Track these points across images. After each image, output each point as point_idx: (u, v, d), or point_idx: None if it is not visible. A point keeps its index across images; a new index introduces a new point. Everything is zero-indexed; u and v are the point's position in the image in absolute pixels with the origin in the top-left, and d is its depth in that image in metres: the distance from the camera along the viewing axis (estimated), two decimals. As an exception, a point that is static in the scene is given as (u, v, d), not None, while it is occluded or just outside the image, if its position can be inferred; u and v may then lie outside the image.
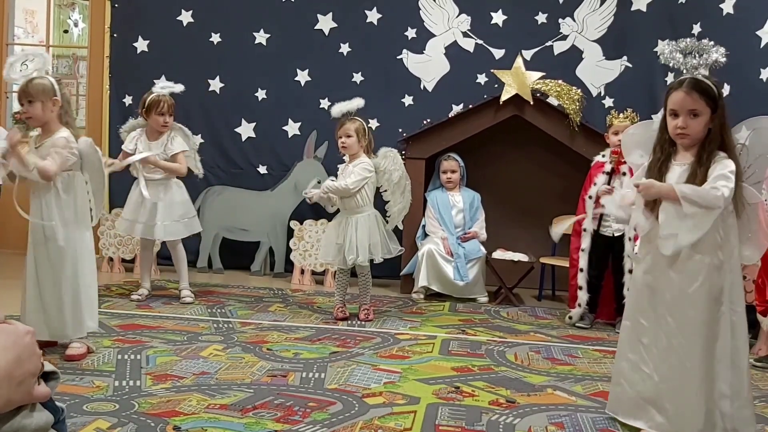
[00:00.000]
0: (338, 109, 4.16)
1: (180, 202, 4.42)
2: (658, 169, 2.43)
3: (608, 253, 4.24)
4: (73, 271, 3.09)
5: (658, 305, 2.40)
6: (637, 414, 2.47)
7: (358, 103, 4.15)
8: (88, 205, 3.20)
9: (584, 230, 4.27)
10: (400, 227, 4.45)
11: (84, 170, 3.19)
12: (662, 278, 2.40)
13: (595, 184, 4.22)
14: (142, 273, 4.54)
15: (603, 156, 4.33)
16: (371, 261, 4.14)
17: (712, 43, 2.51)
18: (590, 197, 4.23)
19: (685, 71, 2.46)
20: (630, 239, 3.99)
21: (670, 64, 2.50)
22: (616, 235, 4.17)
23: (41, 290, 3.08)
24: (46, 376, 1.48)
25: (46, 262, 3.09)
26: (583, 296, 4.25)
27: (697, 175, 2.34)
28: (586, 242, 4.25)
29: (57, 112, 3.13)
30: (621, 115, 4.32)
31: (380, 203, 4.27)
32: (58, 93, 3.11)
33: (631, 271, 4.04)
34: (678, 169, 2.40)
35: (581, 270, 4.26)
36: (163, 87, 4.44)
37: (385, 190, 4.22)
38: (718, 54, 2.46)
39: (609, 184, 4.15)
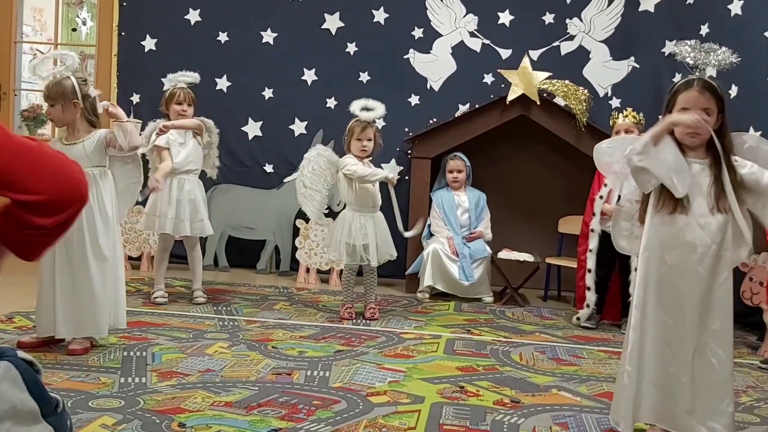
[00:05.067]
0: (369, 114, 4.08)
1: (203, 197, 4.35)
2: None
3: (615, 253, 4.22)
4: (101, 270, 3.10)
5: (686, 305, 2.31)
6: (665, 415, 2.35)
7: (383, 110, 4.14)
8: (115, 203, 3.21)
9: (592, 231, 4.25)
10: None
11: (117, 170, 3.25)
12: (688, 276, 2.32)
13: (605, 185, 4.19)
14: (160, 273, 4.31)
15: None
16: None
17: (717, 46, 2.50)
18: (601, 197, 4.22)
19: (699, 68, 2.44)
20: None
21: (687, 60, 2.47)
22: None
23: (61, 287, 3.06)
24: (31, 365, 1.50)
25: (69, 259, 3.06)
26: (591, 297, 4.23)
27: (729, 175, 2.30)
28: (594, 243, 4.24)
29: (80, 114, 3.14)
30: (621, 114, 4.28)
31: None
32: (78, 95, 3.10)
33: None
34: (697, 166, 2.34)
35: (589, 271, 4.24)
36: (172, 78, 4.33)
37: None
38: (725, 55, 2.45)
39: None
